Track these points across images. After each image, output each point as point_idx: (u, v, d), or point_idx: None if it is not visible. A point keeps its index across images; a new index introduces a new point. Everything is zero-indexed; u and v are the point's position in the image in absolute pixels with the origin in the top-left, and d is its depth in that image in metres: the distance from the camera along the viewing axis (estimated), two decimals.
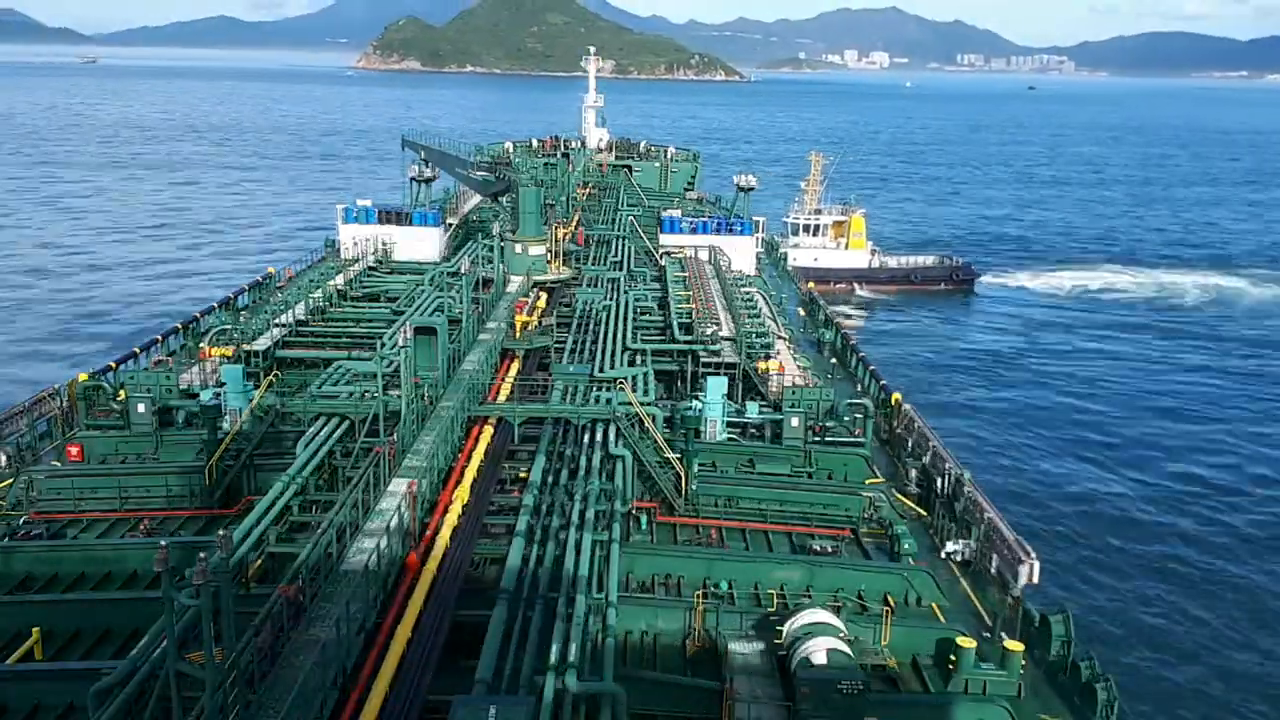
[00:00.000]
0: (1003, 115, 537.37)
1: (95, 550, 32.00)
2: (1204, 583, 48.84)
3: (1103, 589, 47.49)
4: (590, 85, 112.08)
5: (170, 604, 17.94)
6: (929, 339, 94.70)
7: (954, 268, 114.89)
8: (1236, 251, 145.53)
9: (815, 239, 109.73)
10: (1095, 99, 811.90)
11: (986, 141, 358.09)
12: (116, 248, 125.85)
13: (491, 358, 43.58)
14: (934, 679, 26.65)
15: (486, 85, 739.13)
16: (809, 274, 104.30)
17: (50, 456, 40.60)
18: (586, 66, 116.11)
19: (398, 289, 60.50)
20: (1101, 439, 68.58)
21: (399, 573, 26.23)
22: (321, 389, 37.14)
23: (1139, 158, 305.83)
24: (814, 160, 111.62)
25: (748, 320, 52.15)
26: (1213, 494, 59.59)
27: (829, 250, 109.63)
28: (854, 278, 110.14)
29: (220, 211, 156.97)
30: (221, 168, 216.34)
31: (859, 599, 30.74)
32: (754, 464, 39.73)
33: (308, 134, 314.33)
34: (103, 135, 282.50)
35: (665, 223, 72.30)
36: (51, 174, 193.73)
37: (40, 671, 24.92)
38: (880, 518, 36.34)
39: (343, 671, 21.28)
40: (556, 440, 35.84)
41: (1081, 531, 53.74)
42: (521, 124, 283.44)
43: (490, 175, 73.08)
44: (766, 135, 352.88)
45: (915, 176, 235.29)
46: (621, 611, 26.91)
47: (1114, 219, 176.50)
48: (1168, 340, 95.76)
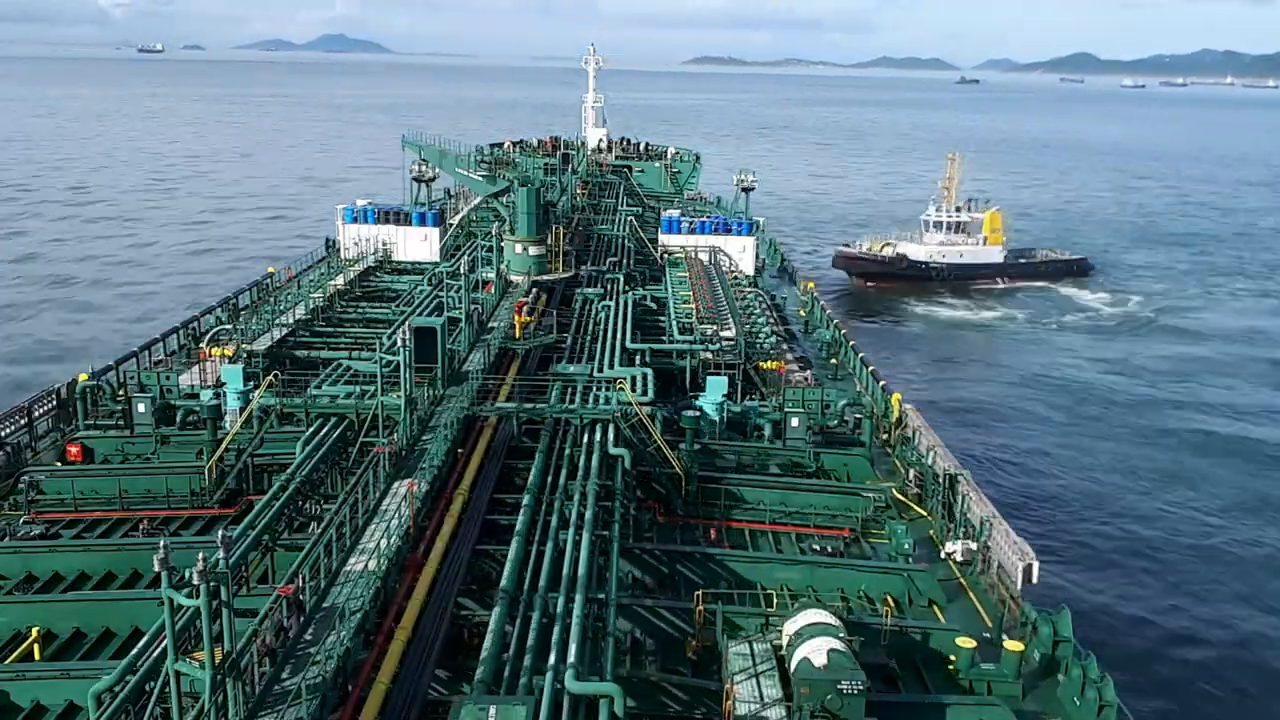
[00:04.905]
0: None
1: (95, 550, 32.03)
2: (1204, 583, 48.78)
3: (1102, 589, 47.45)
4: (590, 85, 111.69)
5: (170, 604, 17.93)
6: (935, 338, 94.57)
7: (1074, 260, 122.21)
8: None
9: (957, 236, 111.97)
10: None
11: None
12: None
13: (491, 358, 43.60)
14: (934, 679, 26.65)
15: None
16: (955, 270, 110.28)
17: (50, 456, 40.58)
18: (585, 66, 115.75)
19: (397, 289, 60.54)
20: (1102, 439, 68.52)
21: (399, 573, 26.22)
22: (321, 389, 37.16)
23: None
24: (951, 160, 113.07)
25: (748, 320, 52.15)
26: (1213, 494, 59.54)
27: (972, 247, 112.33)
28: (996, 273, 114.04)
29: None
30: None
31: (859, 599, 30.76)
32: (754, 464, 39.74)
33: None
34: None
35: (665, 223, 72.29)
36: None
37: (40, 671, 24.92)
38: (880, 518, 36.33)
39: (343, 671, 21.27)
40: (556, 440, 35.82)
41: (1081, 531, 53.69)
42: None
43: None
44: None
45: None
46: (621, 611, 26.94)
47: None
48: (1189, 347, 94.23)
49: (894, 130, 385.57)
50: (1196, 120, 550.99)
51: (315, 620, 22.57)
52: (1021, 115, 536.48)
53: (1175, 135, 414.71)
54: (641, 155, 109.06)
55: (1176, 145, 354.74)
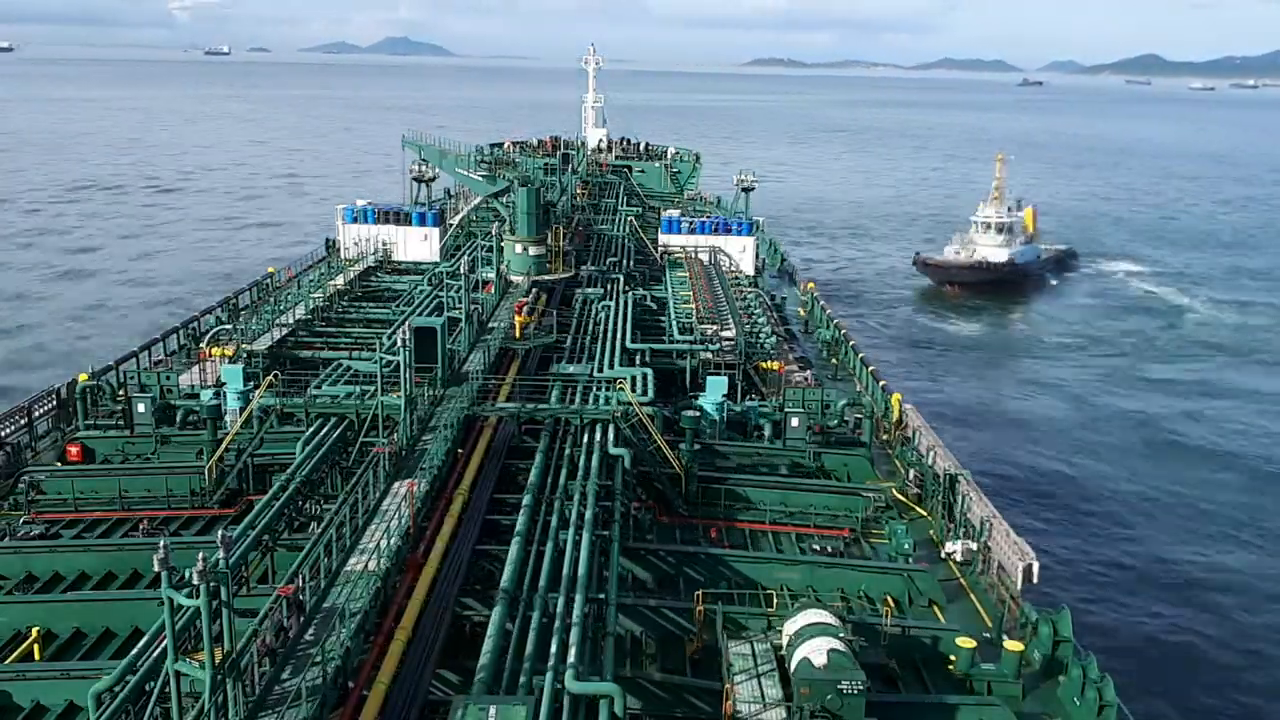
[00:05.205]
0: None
1: (95, 550, 32.04)
2: (1204, 582, 48.78)
3: (1102, 589, 47.45)
4: (590, 84, 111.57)
5: (170, 604, 17.93)
6: (935, 338, 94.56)
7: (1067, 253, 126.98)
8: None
9: (1007, 236, 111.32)
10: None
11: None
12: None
13: (491, 358, 43.59)
14: (934, 679, 26.65)
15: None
16: (1012, 270, 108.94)
17: (50, 456, 40.57)
18: (585, 65, 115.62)
19: (398, 289, 60.54)
20: (1102, 439, 68.50)
21: (399, 573, 26.21)
22: (321, 389, 37.16)
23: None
24: (999, 160, 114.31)
25: (748, 320, 52.14)
26: (1215, 495, 59.51)
27: (1020, 246, 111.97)
28: (1044, 271, 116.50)
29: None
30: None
31: (859, 599, 30.76)
32: (754, 464, 39.73)
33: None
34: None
35: (665, 223, 72.29)
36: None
37: (40, 671, 24.93)
38: (880, 518, 36.33)
39: (343, 671, 21.26)
40: (556, 440, 35.81)
41: (1081, 531, 53.69)
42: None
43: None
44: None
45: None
46: (621, 611, 26.93)
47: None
48: (1189, 349, 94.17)
49: (950, 132, 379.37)
50: (1261, 124, 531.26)
51: (315, 620, 22.55)
52: (1077, 118, 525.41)
53: (1231, 137, 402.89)
54: (641, 155, 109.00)
55: (1226, 147, 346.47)
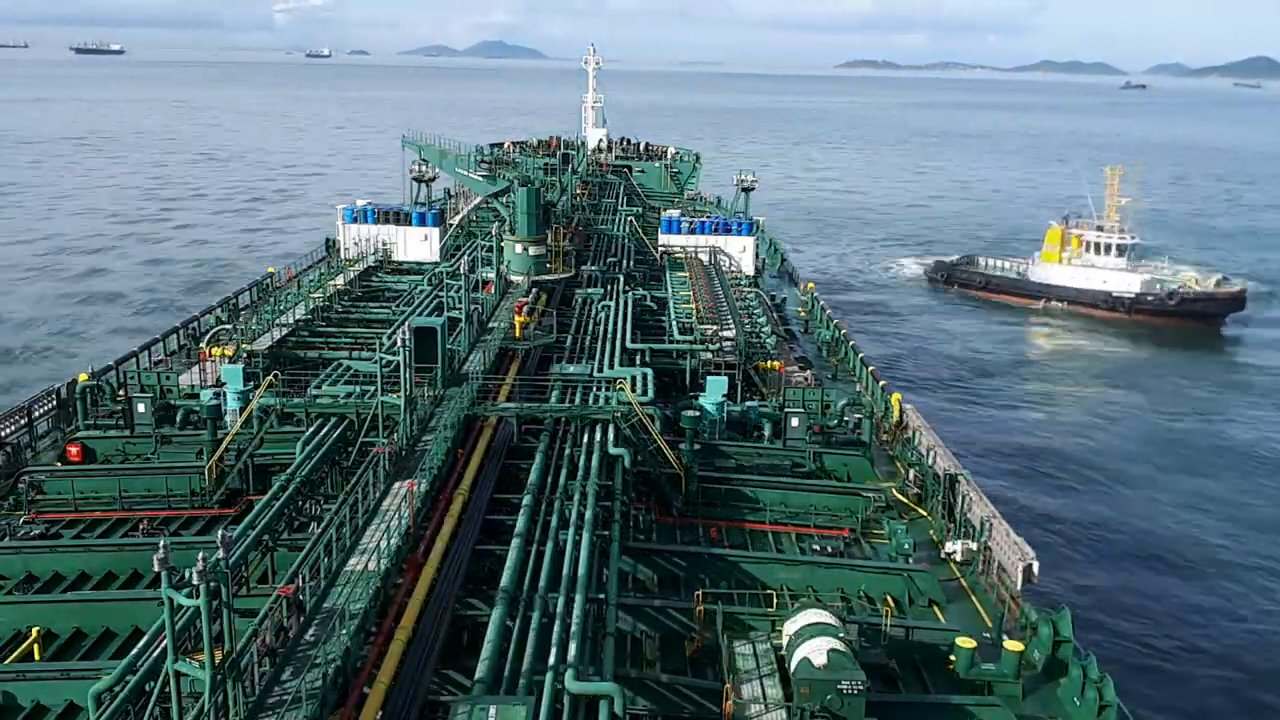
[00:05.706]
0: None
1: (95, 550, 32.03)
2: (1205, 582, 48.77)
3: (1102, 588, 47.43)
4: (590, 84, 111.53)
5: (170, 604, 17.93)
6: (933, 338, 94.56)
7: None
8: None
9: (1120, 259, 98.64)
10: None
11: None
12: None
13: (491, 358, 43.59)
14: (934, 679, 26.65)
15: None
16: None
17: (50, 456, 40.57)
18: (585, 65, 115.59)
19: (398, 289, 60.55)
20: (1102, 439, 68.51)
21: (399, 573, 26.21)
22: (321, 389, 37.14)
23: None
24: (1110, 174, 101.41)
25: (748, 320, 52.13)
26: (1216, 494, 59.52)
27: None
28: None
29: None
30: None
31: (860, 599, 30.75)
32: (755, 464, 39.73)
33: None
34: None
35: (665, 223, 72.27)
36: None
37: (40, 671, 24.93)
38: (880, 518, 36.33)
39: (343, 671, 21.27)
40: (556, 440, 35.81)
41: (1081, 531, 53.67)
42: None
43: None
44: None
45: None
46: (621, 611, 26.94)
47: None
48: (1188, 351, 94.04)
49: (1056, 137, 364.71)
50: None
51: (315, 620, 22.56)
52: (1179, 122, 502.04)
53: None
54: (642, 155, 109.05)
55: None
